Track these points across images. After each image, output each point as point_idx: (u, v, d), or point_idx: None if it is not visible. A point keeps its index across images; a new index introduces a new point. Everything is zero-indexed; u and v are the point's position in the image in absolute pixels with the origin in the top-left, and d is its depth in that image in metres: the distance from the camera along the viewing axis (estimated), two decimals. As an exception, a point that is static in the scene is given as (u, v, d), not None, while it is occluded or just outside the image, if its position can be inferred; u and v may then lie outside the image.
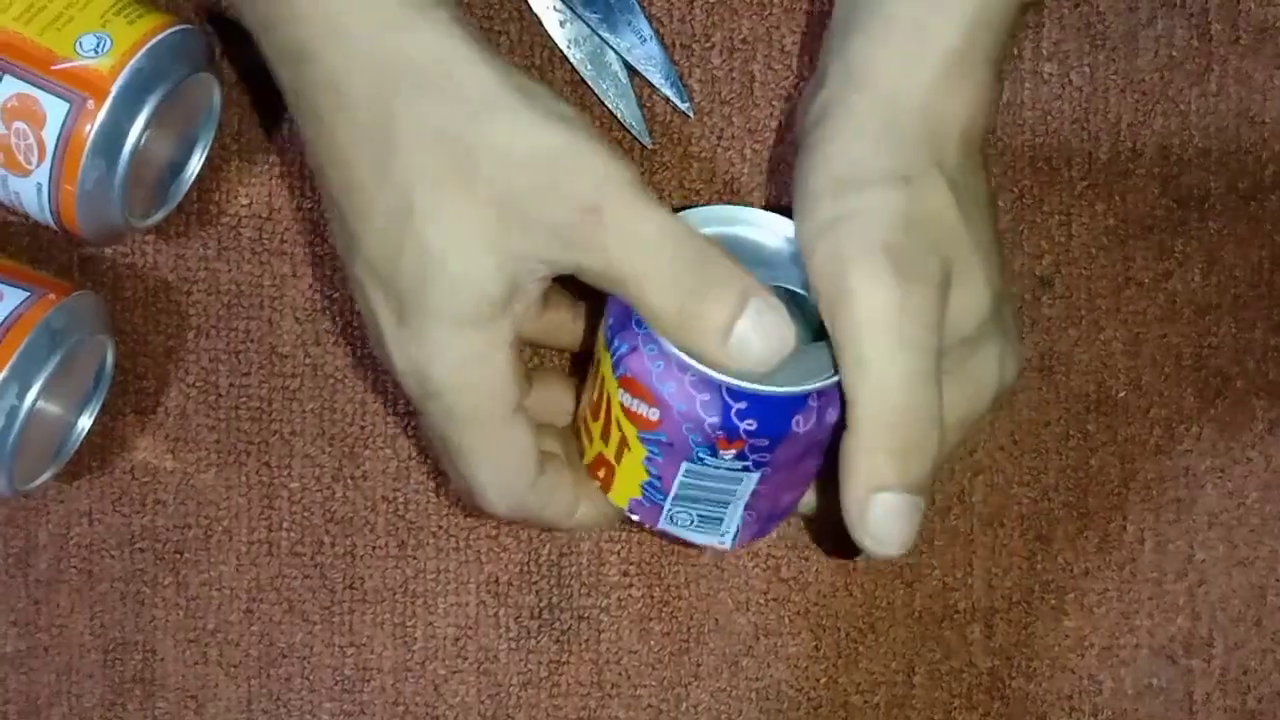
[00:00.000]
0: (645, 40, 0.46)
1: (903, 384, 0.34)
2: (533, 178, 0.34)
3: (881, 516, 0.35)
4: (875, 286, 0.34)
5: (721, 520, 0.39)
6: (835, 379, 0.36)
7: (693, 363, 0.35)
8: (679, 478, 0.37)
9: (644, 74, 0.46)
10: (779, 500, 0.39)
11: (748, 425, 0.36)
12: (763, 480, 0.38)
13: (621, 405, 0.37)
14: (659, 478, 0.38)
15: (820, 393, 0.36)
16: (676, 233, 0.35)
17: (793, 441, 0.36)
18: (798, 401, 0.35)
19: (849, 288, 0.34)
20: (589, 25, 0.46)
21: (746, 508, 0.38)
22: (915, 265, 0.35)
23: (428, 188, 0.35)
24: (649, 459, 0.37)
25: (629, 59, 0.46)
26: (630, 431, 0.37)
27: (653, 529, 0.39)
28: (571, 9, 0.46)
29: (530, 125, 0.35)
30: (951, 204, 0.36)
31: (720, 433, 0.36)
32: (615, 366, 0.37)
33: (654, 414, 0.36)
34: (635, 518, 0.39)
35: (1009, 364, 0.38)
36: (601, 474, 0.39)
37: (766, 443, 0.36)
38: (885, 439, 0.35)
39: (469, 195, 0.34)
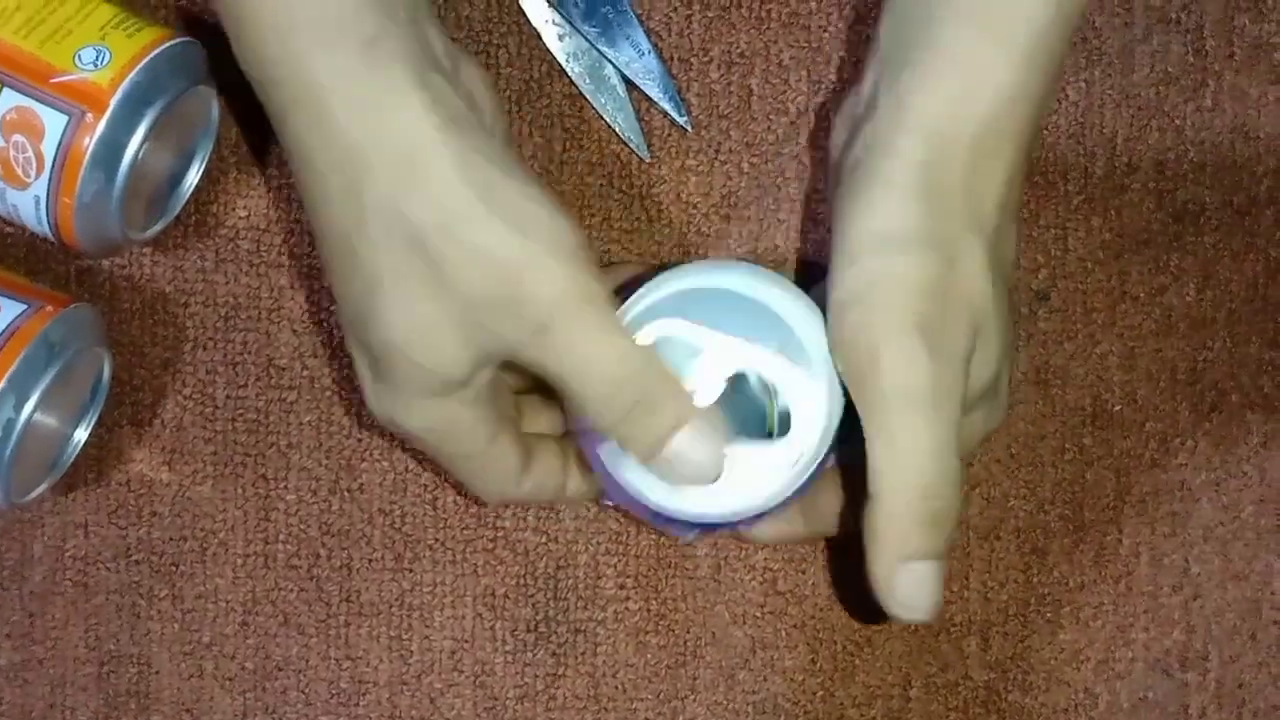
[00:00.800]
0: (643, 54, 0.46)
1: (931, 458, 0.35)
2: (493, 290, 0.35)
3: (911, 585, 0.36)
4: (908, 364, 0.34)
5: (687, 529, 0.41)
6: (754, 513, 0.38)
7: (614, 477, 0.38)
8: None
9: (642, 88, 0.46)
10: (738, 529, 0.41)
11: (674, 527, 0.40)
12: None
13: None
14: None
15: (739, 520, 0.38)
16: (620, 352, 0.36)
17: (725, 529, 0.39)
18: (712, 525, 0.39)
19: (880, 364, 0.34)
20: (587, 39, 0.46)
21: (703, 530, 0.41)
22: (947, 341, 0.35)
23: (395, 281, 0.36)
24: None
25: (627, 73, 0.46)
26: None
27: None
28: (570, 23, 0.46)
29: (493, 237, 0.35)
30: (986, 273, 0.35)
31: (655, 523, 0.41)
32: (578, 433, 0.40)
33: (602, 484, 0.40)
34: (609, 503, 0.43)
35: (1000, 409, 0.39)
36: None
37: (696, 532, 0.40)
38: (914, 511, 0.35)
39: (433, 294, 0.35)
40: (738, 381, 0.38)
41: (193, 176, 0.45)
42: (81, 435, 0.45)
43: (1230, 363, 0.48)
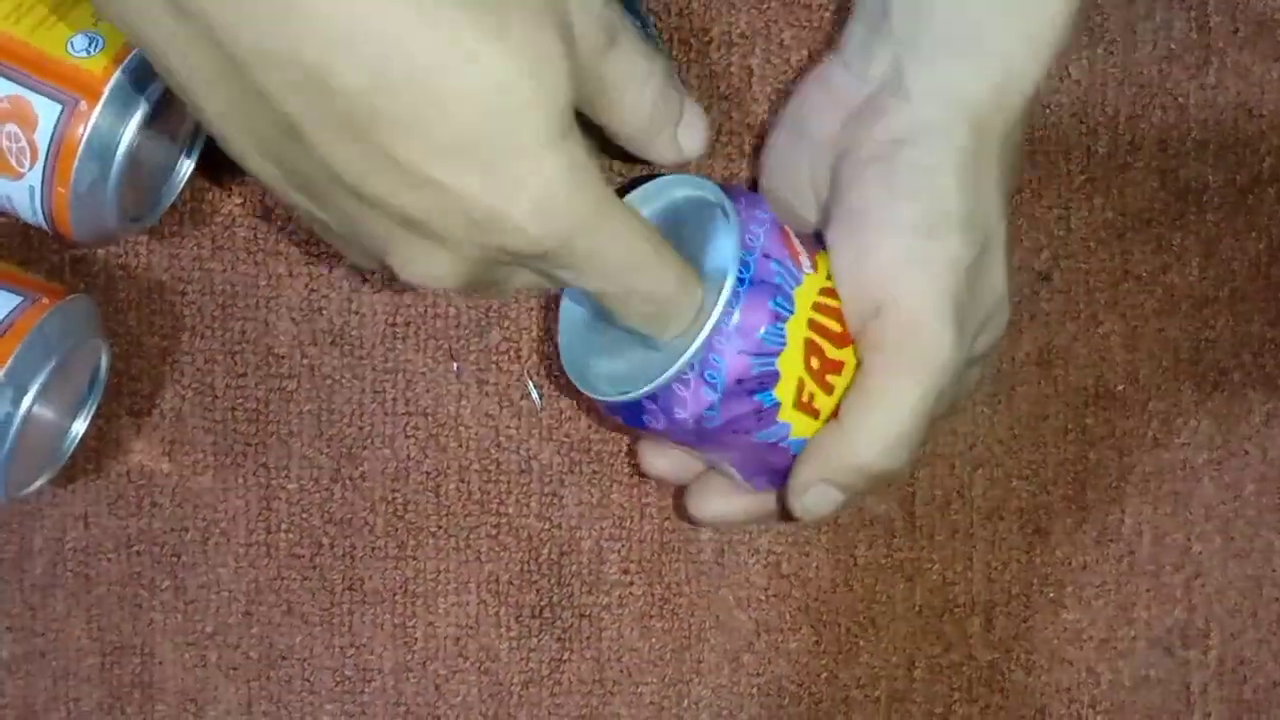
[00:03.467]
0: (650, 39, 0.45)
1: (912, 421, 0.37)
2: None
3: (822, 502, 0.38)
4: (935, 337, 0.36)
5: (731, 473, 0.40)
6: (651, 386, 0.36)
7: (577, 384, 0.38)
8: None
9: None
10: (763, 463, 0.39)
11: (618, 420, 0.38)
12: (707, 452, 0.39)
13: None
14: None
15: (651, 396, 0.37)
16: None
17: (666, 433, 0.38)
18: (633, 405, 0.37)
19: (918, 331, 0.36)
20: None
21: (734, 467, 0.40)
22: (968, 320, 0.37)
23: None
24: None
25: None
26: None
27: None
28: None
29: None
30: (1005, 259, 0.38)
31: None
32: None
33: None
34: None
35: (990, 366, 0.41)
36: None
37: (646, 432, 0.38)
38: (869, 456, 0.37)
39: None
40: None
41: (188, 163, 0.45)
42: (80, 427, 0.45)
43: (1233, 341, 0.48)
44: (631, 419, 0.38)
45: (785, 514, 0.40)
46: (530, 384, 0.47)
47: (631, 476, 0.47)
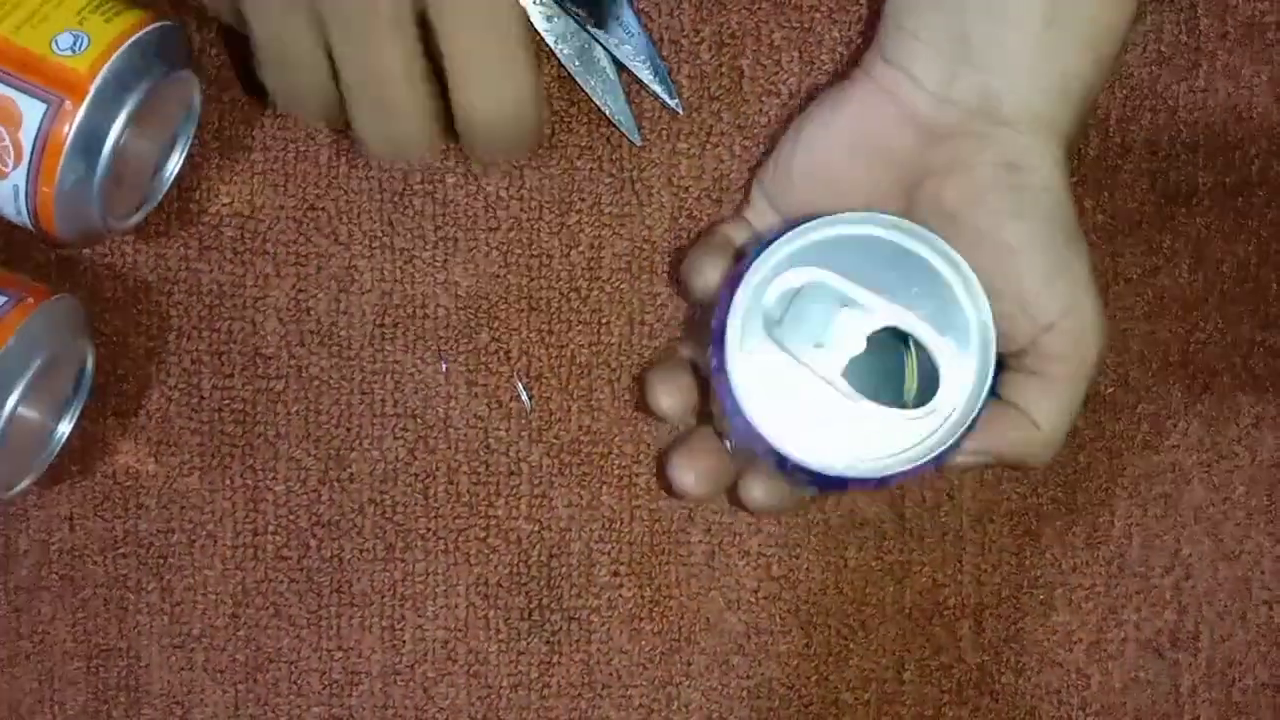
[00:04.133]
0: (633, 35, 0.45)
1: (1077, 414, 0.41)
2: None
3: (968, 459, 0.41)
4: (1098, 339, 0.41)
5: None
6: (880, 475, 0.38)
7: (744, 415, 0.38)
8: None
9: (632, 70, 0.46)
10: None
11: (803, 479, 0.39)
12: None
13: None
14: None
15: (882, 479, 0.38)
16: None
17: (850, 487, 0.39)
18: (832, 482, 0.38)
19: (1087, 337, 0.40)
20: (576, 20, 0.45)
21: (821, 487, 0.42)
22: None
23: None
24: None
25: (617, 55, 0.46)
26: None
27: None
28: (559, 3, 0.45)
29: None
30: None
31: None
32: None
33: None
34: (728, 443, 0.42)
35: None
36: None
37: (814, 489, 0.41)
38: (1038, 452, 0.41)
39: None
40: (879, 335, 0.38)
41: (174, 163, 0.44)
42: (65, 428, 0.45)
43: (1222, 344, 0.48)
44: (829, 486, 0.39)
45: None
46: (519, 386, 0.47)
47: (621, 479, 0.47)
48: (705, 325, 0.39)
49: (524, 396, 0.47)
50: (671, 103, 0.46)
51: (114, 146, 0.41)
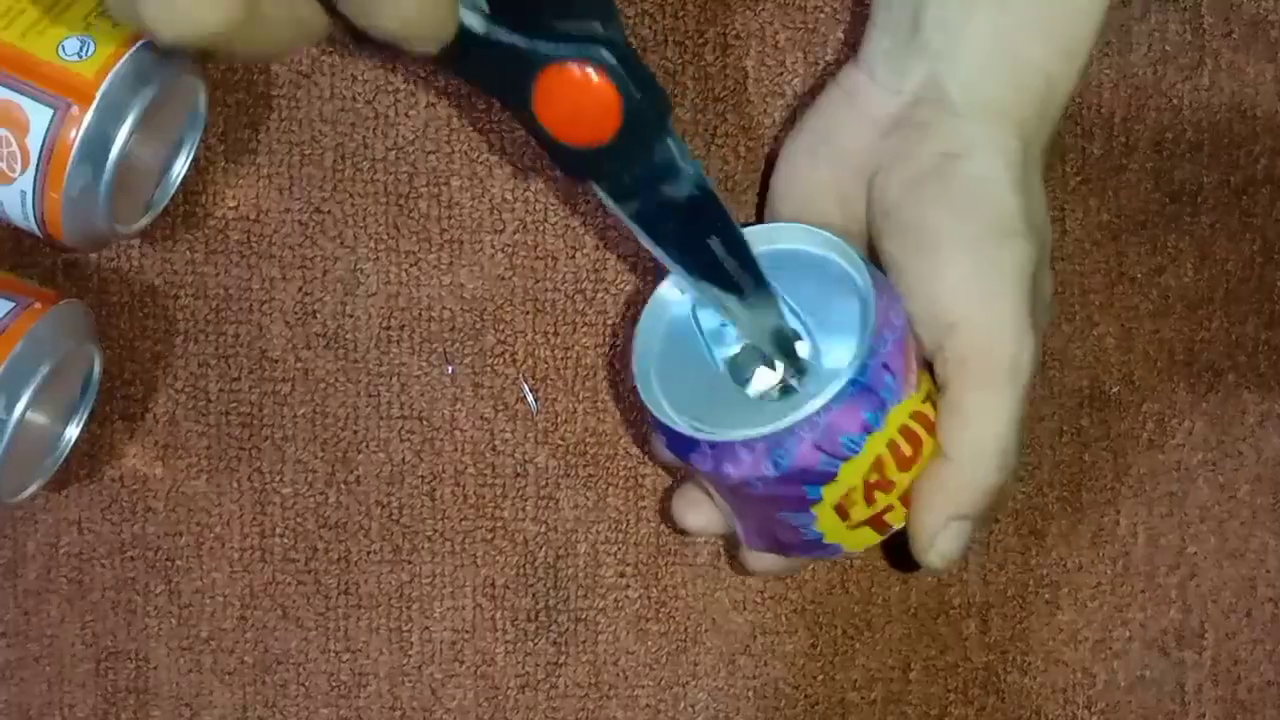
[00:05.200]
0: None
1: (1010, 429, 0.37)
2: None
3: (954, 539, 0.38)
4: (1016, 343, 0.37)
5: (733, 523, 0.40)
6: (719, 437, 0.36)
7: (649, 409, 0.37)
8: None
9: None
10: (771, 534, 0.39)
11: (662, 439, 0.38)
12: (725, 501, 0.39)
13: None
14: None
15: (710, 443, 0.36)
16: None
17: (702, 473, 0.37)
18: (688, 440, 0.37)
19: (1000, 343, 0.36)
20: None
21: (740, 522, 0.40)
22: (1038, 325, 0.38)
23: None
24: None
25: None
26: None
27: None
28: None
29: None
30: (1049, 256, 0.39)
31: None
32: None
33: None
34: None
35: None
36: None
37: (682, 460, 0.38)
38: (982, 476, 0.37)
39: None
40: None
41: (181, 167, 0.45)
42: (73, 433, 0.45)
43: (1227, 343, 0.48)
44: (680, 449, 0.37)
45: (907, 566, 0.40)
46: (525, 387, 0.47)
47: (628, 480, 0.47)
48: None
49: (530, 399, 0.47)
50: None
51: (121, 151, 0.41)
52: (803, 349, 0.37)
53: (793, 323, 0.37)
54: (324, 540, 0.47)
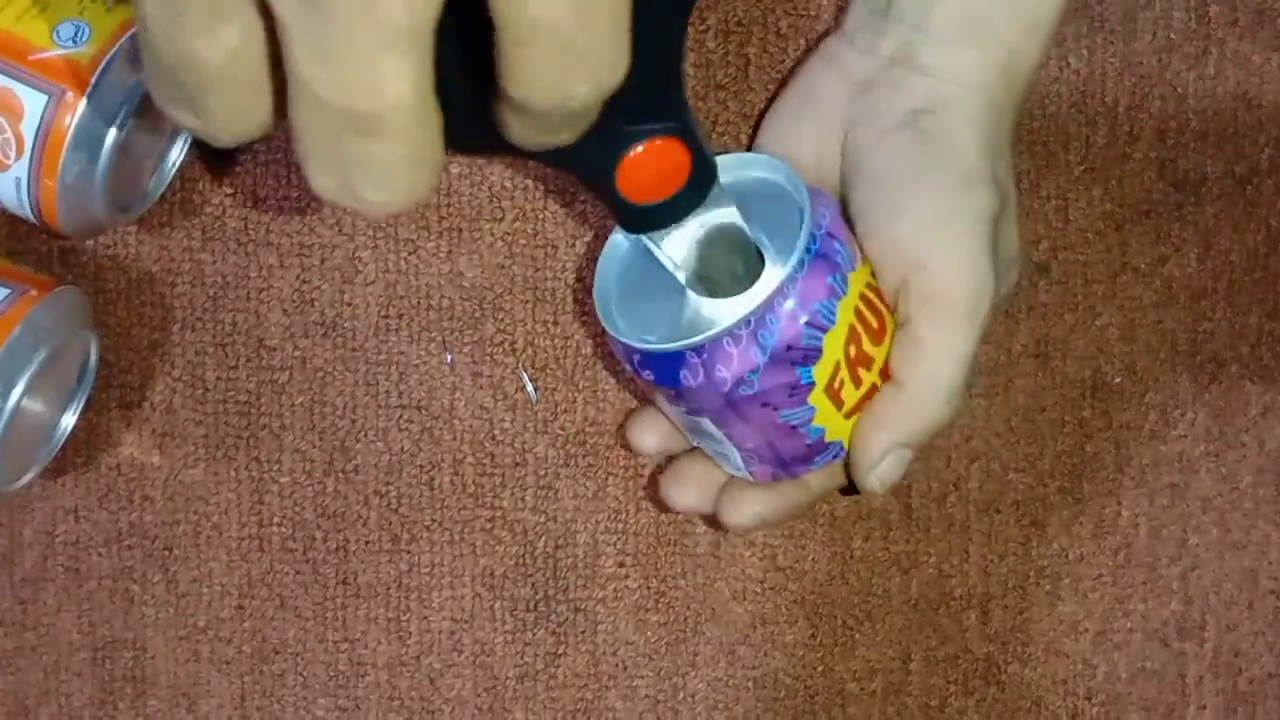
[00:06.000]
0: None
1: (963, 362, 0.38)
2: None
3: (894, 466, 0.39)
4: (976, 283, 0.38)
5: (729, 457, 0.40)
6: (705, 336, 0.36)
7: (609, 332, 0.38)
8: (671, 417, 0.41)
9: None
10: (773, 449, 0.39)
11: (648, 375, 0.38)
12: (723, 426, 0.39)
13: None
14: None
15: (697, 349, 0.37)
16: None
17: (697, 394, 0.37)
18: (675, 357, 0.37)
19: (960, 280, 0.38)
20: None
21: (740, 450, 0.39)
22: (996, 264, 0.39)
23: None
24: None
25: None
26: None
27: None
28: None
29: None
30: (1015, 222, 0.41)
31: (639, 380, 0.39)
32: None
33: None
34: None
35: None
36: None
37: (674, 392, 0.38)
38: (931, 408, 0.38)
39: None
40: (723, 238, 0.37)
41: (177, 153, 0.44)
42: (70, 420, 0.44)
43: (1230, 333, 0.48)
44: (664, 374, 0.38)
45: (847, 491, 0.41)
46: (525, 376, 0.46)
47: (627, 469, 0.47)
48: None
49: (529, 388, 0.46)
50: None
51: (116, 137, 0.40)
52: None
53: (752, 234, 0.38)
54: (322, 529, 0.46)
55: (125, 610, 0.46)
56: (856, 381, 0.38)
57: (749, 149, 0.45)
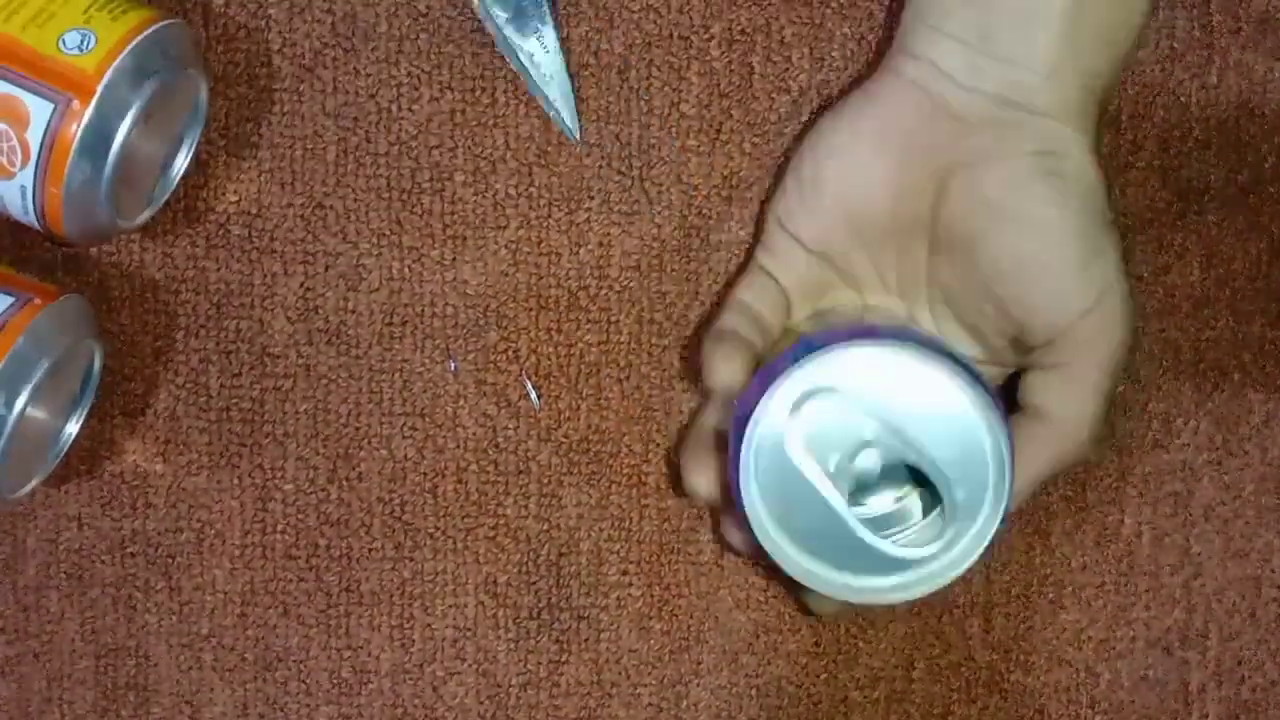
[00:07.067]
0: (548, 52, 0.45)
1: (1109, 399, 0.42)
2: None
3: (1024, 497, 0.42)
4: (1127, 326, 0.41)
5: None
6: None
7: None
8: None
9: (541, 87, 0.45)
10: None
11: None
12: None
13: None
14: None
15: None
16: None
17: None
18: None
19: (1118, 323, 0.41)
20: (496, 24, 0.45)
21: None
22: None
23: None
24: None
25: (529, 66, 0.45)
26: None
27: None
28: (484, 5, 0.45)
29: None
30: None
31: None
32: None
33: None
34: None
35: None
36: None
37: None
38: (1079, 441, 0.41)
39: None
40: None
41: (182, 161, 0.44)
42: (73, 428, 0.44)
43: (1233, 342, 0.48)
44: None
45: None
46: (528, 384, 0.46)
47: (631, 477, 0.47)
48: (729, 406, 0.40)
49: (533, 395, 0.46)
50: (571, 128, 0.45)
51: (122, 146, 0.40)
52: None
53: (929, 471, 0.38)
54: (325, 537, 0.46)
55: (128, 618, 0.46)
56: None
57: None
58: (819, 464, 0.37)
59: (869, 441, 0.37)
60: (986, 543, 0.38)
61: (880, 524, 0.39)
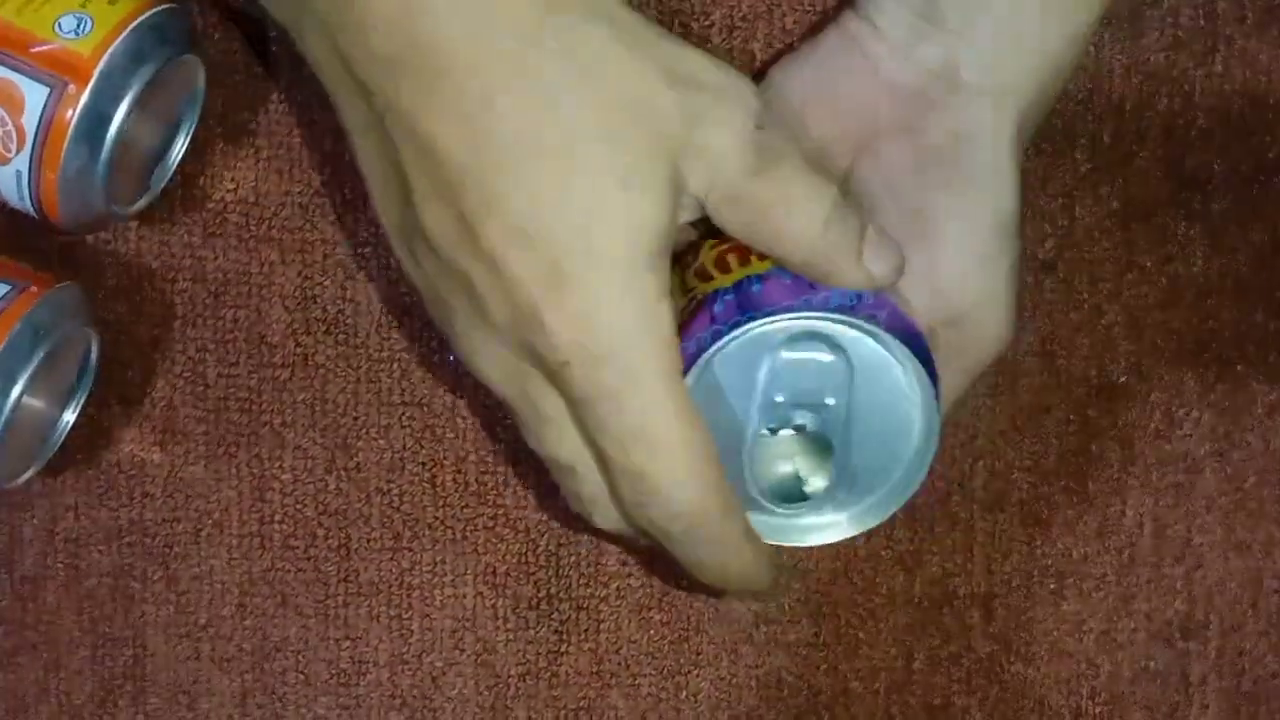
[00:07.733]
0: None
1: (960, 405, 0.41)
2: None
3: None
4: (1006, 335, 0.39)
5: None
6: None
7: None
8: None
9: None
10: None
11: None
12: None
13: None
14: None
15: None
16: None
17: None
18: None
19: (996, 334, 0.39)
20: None
21: None
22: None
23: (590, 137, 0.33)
24: None
25: None
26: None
27: None
28: None
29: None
30: None
31: None
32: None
33: None
34: None
35: None
36: None
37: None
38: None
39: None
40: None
41: (179, 148, 0.44)
42: (70, 417, 0.44)
43: (1236, 333, 0.47)
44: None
45: None
46: (528, 374, 0.46)
47: (630, 467, 0.47)
48: None
49: (532, 385, 0.46)
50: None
51: (118, 131, 0.40)
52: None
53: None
54: (324, 527, 0.46)
55: (125, 608, 0.46)
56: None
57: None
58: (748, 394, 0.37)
59: (798, 405, 0.37)
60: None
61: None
